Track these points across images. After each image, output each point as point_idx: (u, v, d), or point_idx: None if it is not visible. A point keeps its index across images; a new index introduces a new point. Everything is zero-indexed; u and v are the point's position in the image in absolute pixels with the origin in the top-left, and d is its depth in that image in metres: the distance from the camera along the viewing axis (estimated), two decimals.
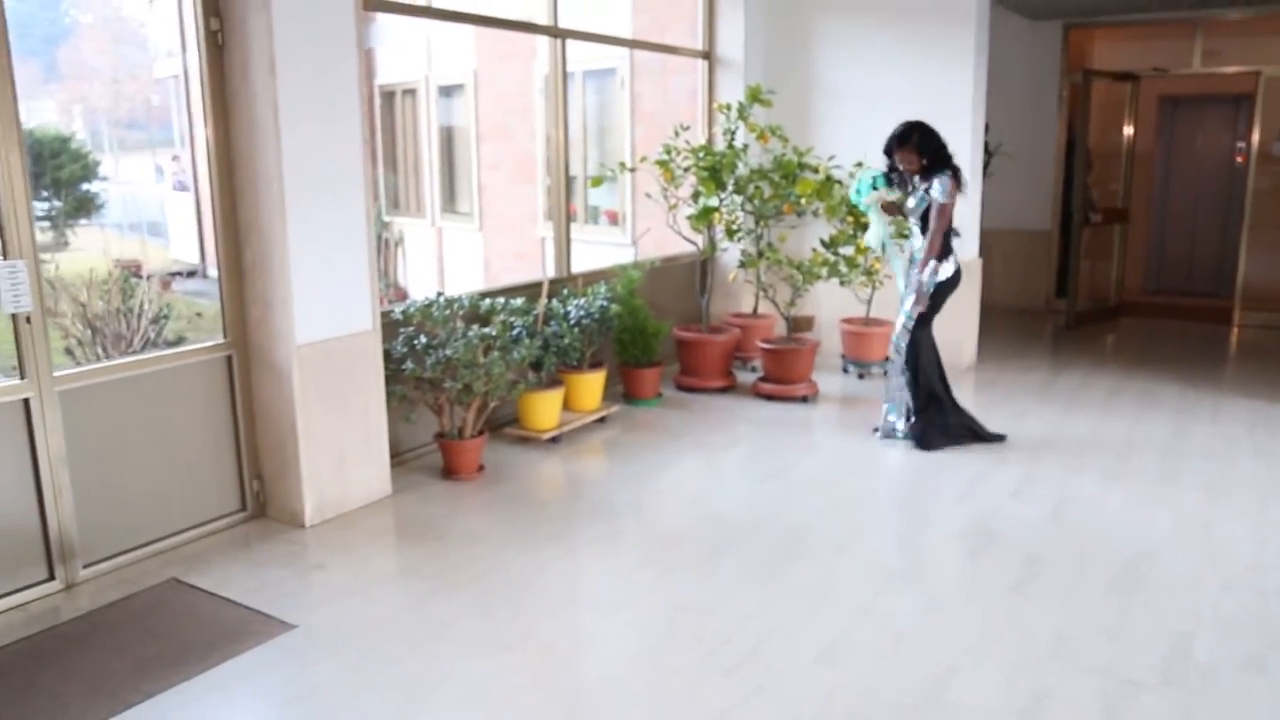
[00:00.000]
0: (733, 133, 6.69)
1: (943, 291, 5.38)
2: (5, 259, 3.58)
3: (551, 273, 6.28)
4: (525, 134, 9.91)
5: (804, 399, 6.46)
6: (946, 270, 5.32)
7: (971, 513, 4.59)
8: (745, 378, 6.97)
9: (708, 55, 7.61)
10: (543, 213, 9.71)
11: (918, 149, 5.27)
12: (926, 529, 4.44)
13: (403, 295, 10.70)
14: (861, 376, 7.06)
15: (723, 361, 6.70)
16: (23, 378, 3.68)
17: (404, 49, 11.17)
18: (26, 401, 3.68)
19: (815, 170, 6.73)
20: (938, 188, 5.19)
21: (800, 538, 4.30)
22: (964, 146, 6.97)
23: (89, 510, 3.91)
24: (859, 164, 6.03)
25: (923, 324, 5.41)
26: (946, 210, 5.22)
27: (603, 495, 4.84)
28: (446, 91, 10.95)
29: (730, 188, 6.65)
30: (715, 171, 6.53)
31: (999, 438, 5.55)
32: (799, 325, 6.87)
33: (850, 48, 7.35)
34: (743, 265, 6.90)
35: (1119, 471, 5.10)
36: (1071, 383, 6.94)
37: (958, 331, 7.24)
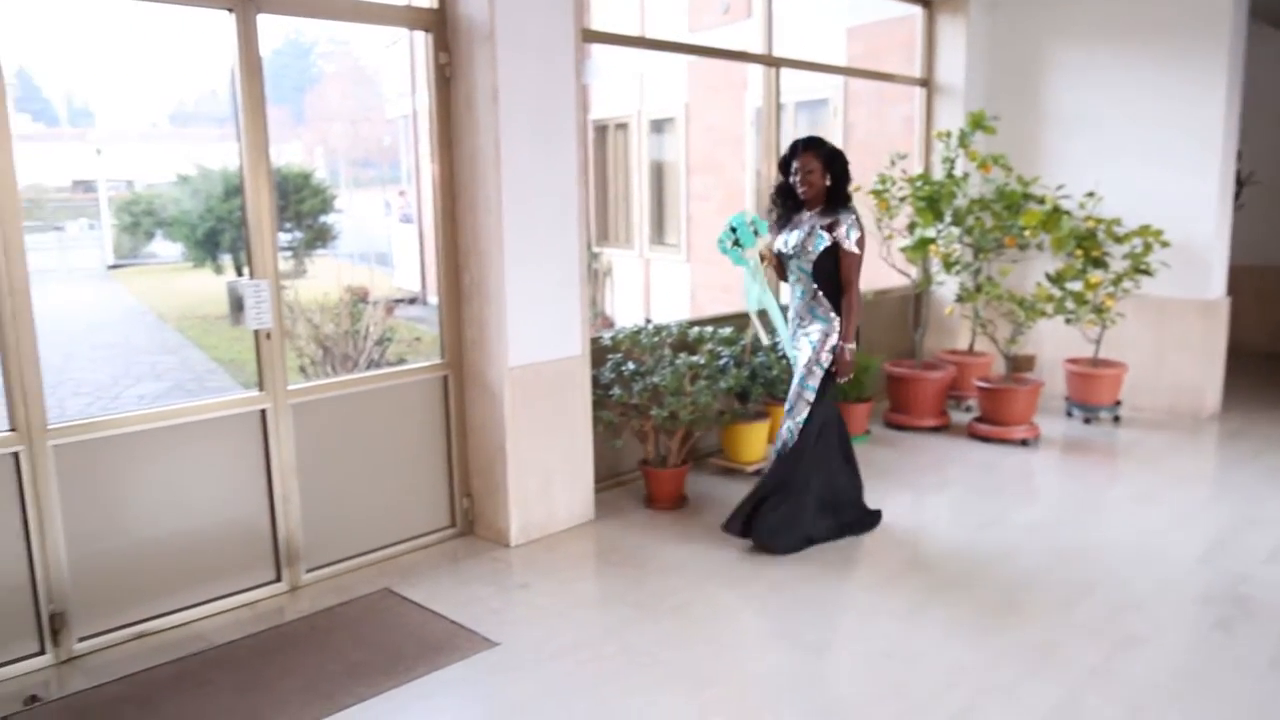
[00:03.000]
0: (952, 161, 6.42)
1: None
2: (251, 280, 3.84)
3: None
4: (735, 166, 9.91)
5: (1023, 442, 6.07)
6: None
7: (1219, 576, 4.13)
8: (959, 418, 6.64)
9: (926, 82, 7.36)
10: None
11: (825, 160, 4.35)
12: (1167, 591, 4.01)
13: (609, 324, 10.88)
14: (1088, 421, 6.57)
15: (936, 400, 6.39)
16: (261, 390, 3.92)
17: (617, 84, 11.44)
18: (263, 412, 3.92)
19: (1041, 201, 6.37)
20: (848, 233, 4.29)
21: (1020, 590, 3.99)
22: (1212, 176, 6.44)
23: (313, 518, 4.11)
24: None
25: (822, 399, 4.39)
26: (857, 262, 4.34)
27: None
28: (657, 125, 11.12)
29: (948, 218, 6.37)
30: (933, 201, 6.27)
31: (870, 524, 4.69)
32: (1019, 364, 6.48)
33: (1082, 70, 6.93)
34: (960, 299, 6.58)
35: None
36: None
37: (1199, 377, 6.64)
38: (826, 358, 4.35)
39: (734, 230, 4.59)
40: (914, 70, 7.41)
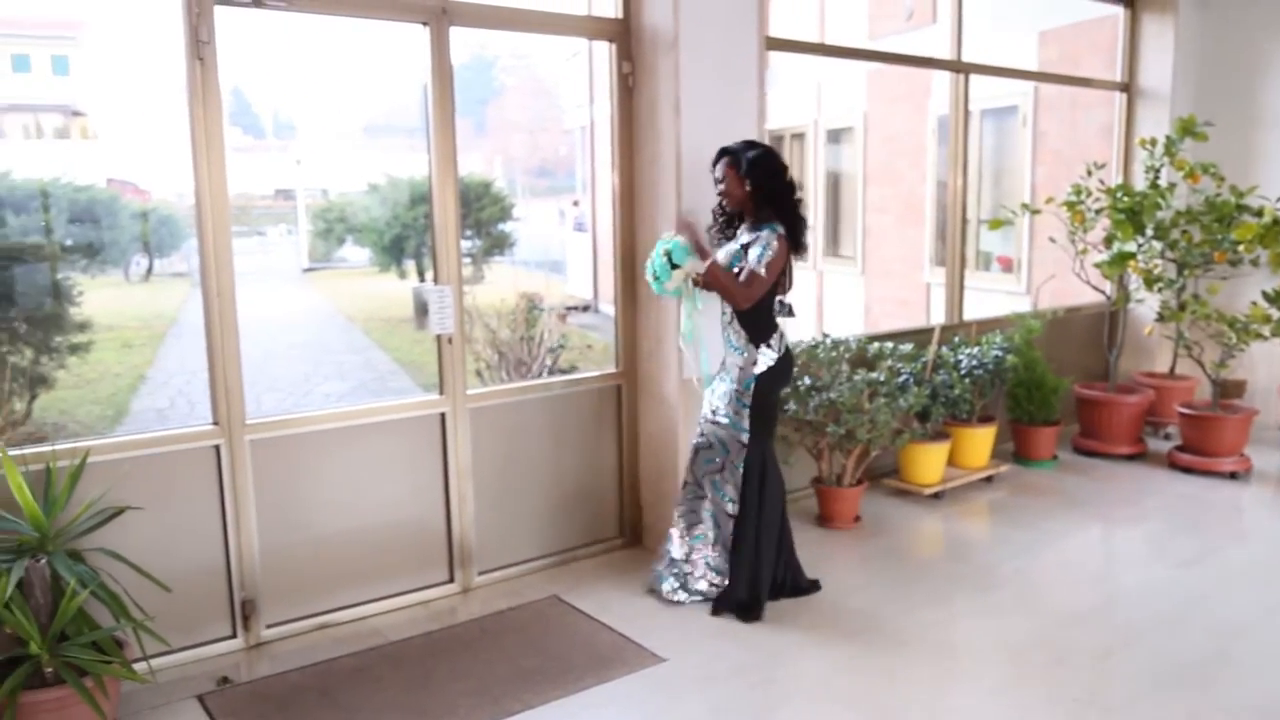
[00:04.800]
0: (1157, 171, 5.99)
1: (765, 390, 3.85)
2: (435, 285, 3.94)
3: (941, 319, 5.94)
4: (914, 177, 9.59)
5: (1233, 475, 5.58)
6: (764, 360, 3.84)
7: None
8: (1157, 446, 6.17)
9: (1126, 87, 6.91)
10: (929, 258, 9.32)
11: (740, 168, 3.79)
12: None
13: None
14: None
15: (1132, 425, 5.97)
16: (441, 393, 4.01)
17: (794, 94, 11.28)
18: (443, 415, 4.01)
19: (1259, 213, 5.85)
20: (761, 252, 3.73)
21: (1232, 639, 3.64)
22: None
23: (486, 521, 4.18)
24: None
25: (758, 441, 3.85)
26: (758, 281, 3.73)
27: (988, 561, 4.43)
28: (834, 136, 10.90)
29: (1150, 232, 5.95)
30: (1134, 214, 5.86)
31: (815, 586, 4.10)
32: (1228, 390, 5.97)
33: None
34: (1161, 319, 6.12)
35: None
36: None
37: None
38: (747, 394, 3.84)
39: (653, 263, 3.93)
40: (1114, 74, 6.96)
